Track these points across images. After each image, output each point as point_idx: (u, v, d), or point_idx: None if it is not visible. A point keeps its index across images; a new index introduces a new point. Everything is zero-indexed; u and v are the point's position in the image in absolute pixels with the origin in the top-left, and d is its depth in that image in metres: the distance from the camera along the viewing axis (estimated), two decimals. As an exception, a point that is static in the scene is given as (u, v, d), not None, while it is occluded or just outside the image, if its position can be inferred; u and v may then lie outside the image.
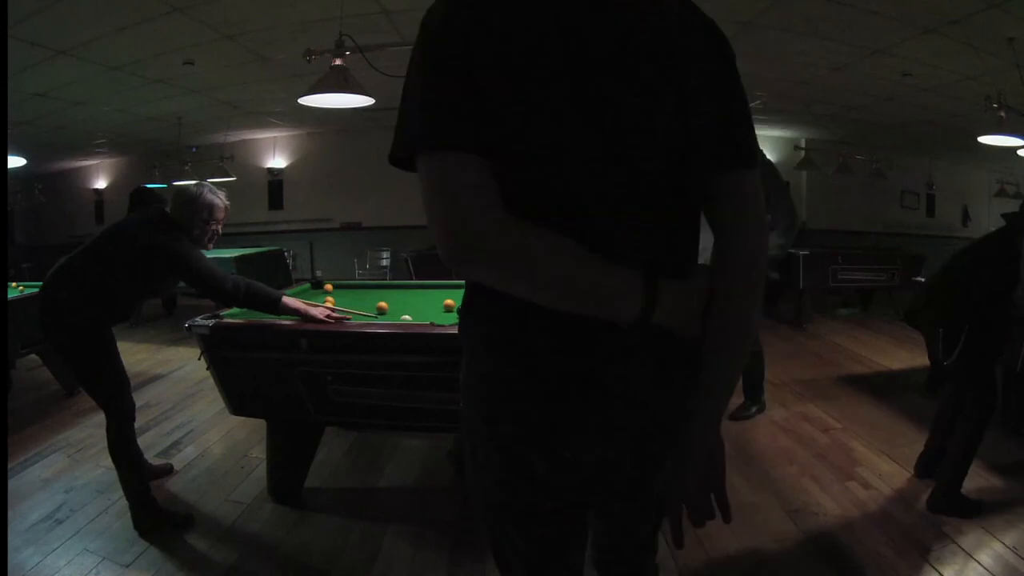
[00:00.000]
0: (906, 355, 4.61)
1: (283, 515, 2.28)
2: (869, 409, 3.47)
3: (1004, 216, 2.35)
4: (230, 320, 2.21)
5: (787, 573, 1.91)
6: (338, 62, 2.80)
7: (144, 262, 2.13)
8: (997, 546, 1.99)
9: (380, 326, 2.16)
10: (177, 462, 2.76)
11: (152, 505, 2.17)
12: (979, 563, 1.89)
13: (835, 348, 4.99)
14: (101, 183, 8.89)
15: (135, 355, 4.64)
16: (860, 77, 4.83)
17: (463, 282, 0.83)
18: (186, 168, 6.90)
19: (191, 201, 2.19)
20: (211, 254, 2.56)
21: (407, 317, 2.28)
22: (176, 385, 4.00)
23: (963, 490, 2.24)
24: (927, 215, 8.72)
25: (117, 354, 2.24)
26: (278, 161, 8.13)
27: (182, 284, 2.30)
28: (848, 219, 8.24)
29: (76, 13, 3.38)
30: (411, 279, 5.40)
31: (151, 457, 2.67)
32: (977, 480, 2.49)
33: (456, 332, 0.86)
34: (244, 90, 5.41)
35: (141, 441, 2.76)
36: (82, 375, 2.19)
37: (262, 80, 5.05)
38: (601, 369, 0.75)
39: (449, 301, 2.52)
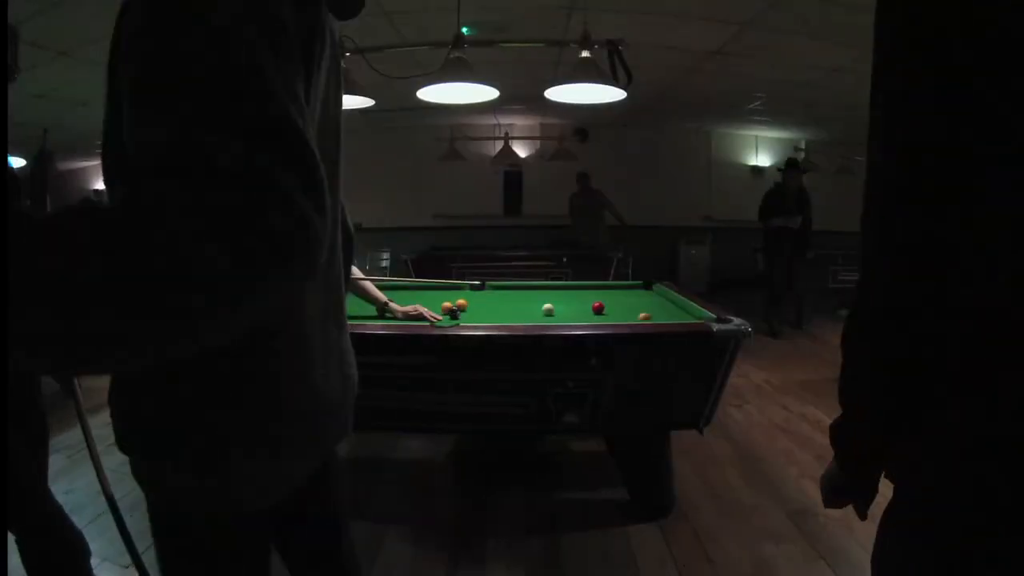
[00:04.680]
0: (906, 356, 4.61)
1: (283, 516, 2.28)
2: (869, 410, 3.46)
3: None
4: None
5: (787, 573, 1.91)
6: (338, 63, 2.79)
7: None
8: (997, 547, 1.99)
9: (379, 327, 2.16)
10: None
11: None
12: (979, 564, 1.89)
13: (835, 349, 4.95)
14: (100, 184, 8.87)
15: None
16: (860, 77, 4.82)
17: (462, 283, 0.84)
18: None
19: None
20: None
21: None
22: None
23: None
24: (927, 216, 8.72)
25: None
26: (278, 162, 8.14)
27: None
28: (848, 220, 8.19)
29: (76, 14, 3.38)
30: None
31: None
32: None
33: (455, 333, 0.87)
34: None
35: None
36: None
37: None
38: None
39: (447, 304, 2.52)
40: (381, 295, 2.25)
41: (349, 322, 0.92)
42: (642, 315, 2.34)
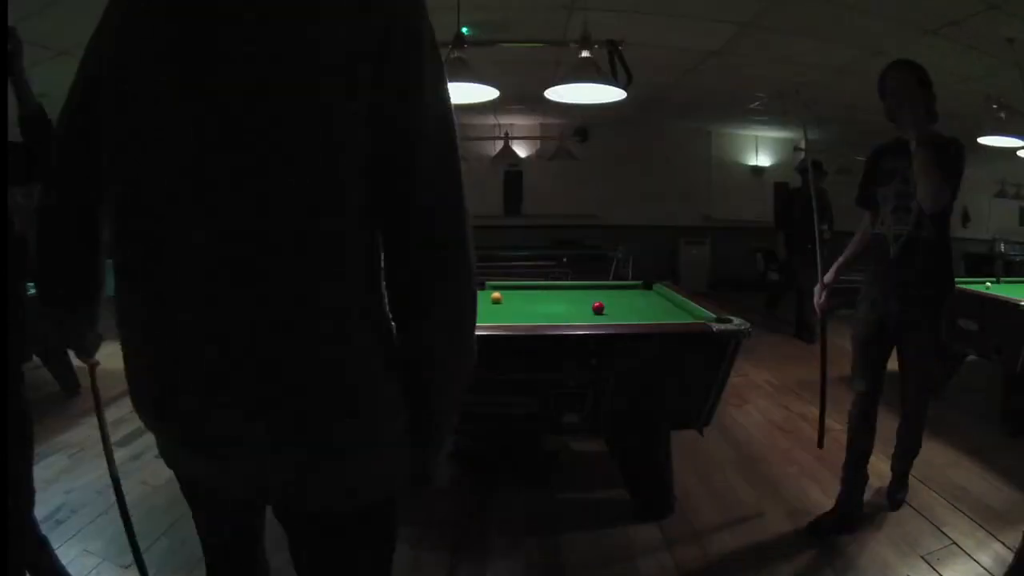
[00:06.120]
0: (906, 356, 4.61)
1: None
2: (869, 410, 3.46)
3: None
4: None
5: (787, 573, 1.91)
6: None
7: None
8: (997, 546, 1.99)
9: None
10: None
11: None
12: (979, 563, 1.89)
13: (835, 349, 4.97)
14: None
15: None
16: (860, 77, 4.83)
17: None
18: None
19: None
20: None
21: None
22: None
23: (968, 492, 2.23)
24: (927, 216, 8.71)
25: None
26: (278, 162, 8.14)
27: None
28: (848, 220, 8.22)
29: (76, 13, 3.39)
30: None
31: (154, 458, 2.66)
32: (977, 481, 2.49)
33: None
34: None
35: (140, 443, 2.76)
36: None
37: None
38: None
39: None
40: None
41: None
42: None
